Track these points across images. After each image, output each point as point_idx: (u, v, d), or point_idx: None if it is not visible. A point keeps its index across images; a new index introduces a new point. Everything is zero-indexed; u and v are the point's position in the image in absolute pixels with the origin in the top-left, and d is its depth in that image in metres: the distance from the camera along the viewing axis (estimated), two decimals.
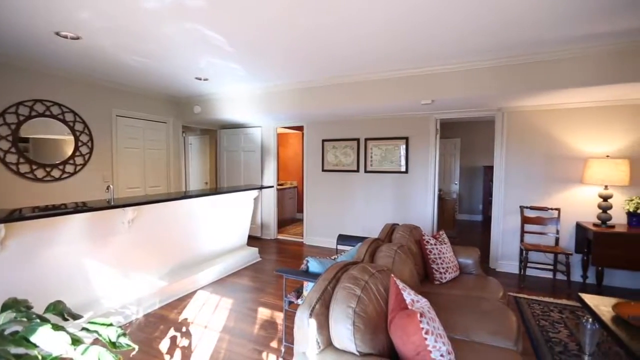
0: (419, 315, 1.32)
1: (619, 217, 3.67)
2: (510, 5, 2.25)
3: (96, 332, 1.20)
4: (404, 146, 4.88)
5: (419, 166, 4.83)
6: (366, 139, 5.16)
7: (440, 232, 2.97)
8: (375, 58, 3.35)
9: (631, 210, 3.49)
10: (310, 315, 1.44)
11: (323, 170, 5.54)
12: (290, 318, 2.58)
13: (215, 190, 4.20)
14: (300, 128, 6.30)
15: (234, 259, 4.34)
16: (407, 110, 4.54)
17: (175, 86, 4.57)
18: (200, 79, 4.16)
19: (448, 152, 7.80)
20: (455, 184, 7.78)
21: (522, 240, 4.02)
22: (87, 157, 4.15)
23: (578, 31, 2.66)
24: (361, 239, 2.67)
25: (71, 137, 3.97)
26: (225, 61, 3.47)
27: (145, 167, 4.95)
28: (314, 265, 2.15)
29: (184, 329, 2.80)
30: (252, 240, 5.81)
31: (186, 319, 2.98)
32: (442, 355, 1.32)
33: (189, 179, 6.82)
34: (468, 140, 7.81)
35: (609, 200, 3.58)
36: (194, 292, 3.56)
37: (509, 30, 2.64)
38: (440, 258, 2.69)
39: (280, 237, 6.20)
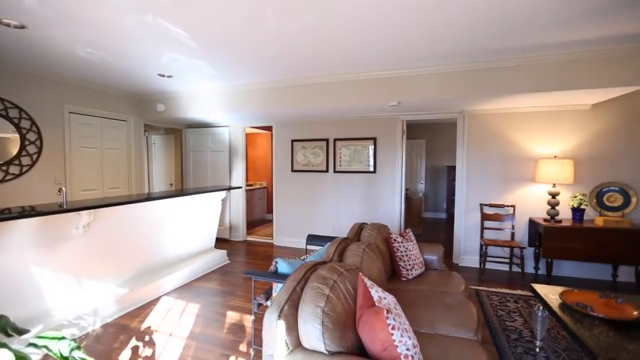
0: (385, 311, 1.35)
1: (565, 212, 4.00)
2: (470, 16, 2.37)
3: (45, 347, 1.11)
4: (372, 146, 4.98)
5: (387, 166, 4.95)
6: (335, 139, 5.21)
7: (407, 230, 3.07)
8: (344, 60, 3.39)
9: (575, 206, 3.81)
10: (279, 316, 1.42)
11: (293, 170, 5.52)
12: (259, 320, 2.54)
13: (180, 191, 4.04)
14: (269, 128, 6.23)
15: (201, 262, 4.20)
16: (375, 111, 4.64)
17: (137, 82, 4.34)
18: (163, 76, 3.98)
19: (415, 153, 8.08)
20: (422, 183, 8.07)
21: (482, 236, 4.25)
22: (35, 157, 3.82)
23: (527, 42, 2.86)
24: (330, 238, 2.69)
25: (16, 135, 3.64)
26: (190, 58, 3.35)
27: (104, 167, 4.65)
28: (283, 266, 2.14)
29: (146, 338, 2.66)
30: (221, 242, 5.66)
31: (149, 327, 2.84)
32: (407, 349, 1.36)
33: (152, 180, 6.51)
34: (433, 141, 8.13)
35: (556, 197, 3.88)
36: (158, 299, 3.40)
37: (470, 38, 2.78)
38: (406, 255, 2.78)
39: (249, 238, 6.10)
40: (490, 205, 4.27)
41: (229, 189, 4.61)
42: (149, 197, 3.33)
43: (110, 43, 2.96)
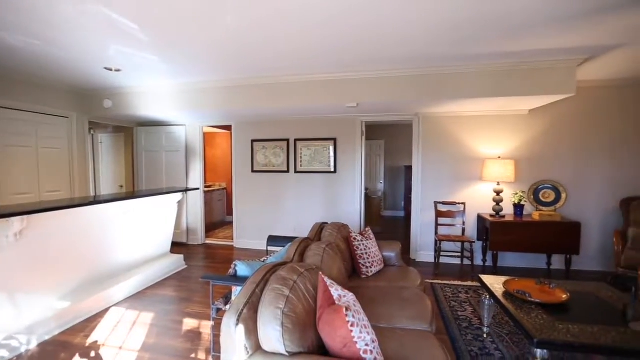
0: (344, 309, 1.37)
1: (508, 208, 4.36)
2: (428, 23, 2.50)
3: None
4: (333, 147, 5.05)
5: (347, 166, 5.05)
6: (296, 140, 5.20)
7: (367, 229, 3.15)
8: (301, 60, 3.39)
9: (516, 202, 4.18)
10: (238, 320, 1.39)
11: (253, 171, 5.42)
12: (218, 326, 2.45)
13: (131, 194, 3.78)
14: (228, 127, 6.06)
15: (156, 268, 3.97)
16: (335, 112, 4.71)
17: (79, 76, 3.99)
18: (110, 70, 3.70)
19: (374, 153, 8.33)
20: (381, 182, 8.34)
21: (436, 232, 4.50)
22: None
23: (477, 50, 3.08)
24: (292, 239, 2.68)
25: None
26: (140, 52, 3.15)
27: (40, 168, 4.21)
28: (242, 268, 2.09)
29: (92, 354, 2.46)
30: (177, 246, 5.40)
31: (96, 341, 2.63)
32: (366, 345, 1.40)
33: (99, 182, 6.03)
34: (391, 142, 8.44)
35: (500, 194, 4.22)
36: (106, 310, 3.15)
37: (423, 45, 2.92)
38: (366, 253, 2.85)
39: (208, 241, 5.88)
40: (444, 203, 4.53)
41: (186, 190, 4.41)
42: (95, 201, 3.07)
43: (45, 31, 2.68)
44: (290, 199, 5.29)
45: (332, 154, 5.06)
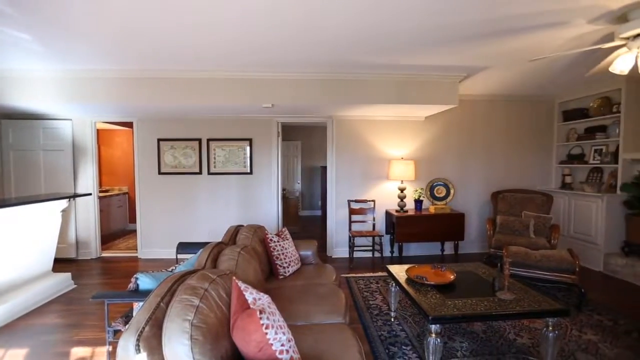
0: (258, 312, 1.35)
1: (411, 204, 4.90)
2: (330, 31, 2.62)
3: None
4: (248, 147, 4.93)
5: (263, 167, 4.99)
6: (209, 140, 4.92)
7: (283, 229, 3.16)
8: (214, 55, 3.22)
9: (416, 198, 4.73)
10: (138, 340, 1.24)
11: (160, 173, 4.93)
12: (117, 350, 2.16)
13: None
14: (129, 124, 5.38)
15: (32, 292, 3.28)
16: (250, 112, 4.62)
17: None
18: None
19: (291, 154, 8.42)
20: (298, 183, 8.49)
21: (350, 229, 4.78)
22: None
23: (375, 61, 3.37)
24: (205, 244, 2.52)
25: None
26: (5, 27, 2.56)
27: None
28: (145, 281, 1.88)
29: None
30: (64, 263, 4.56)
31: None
32: (282, 345, 1.40)
33: None
34: (308, 143, 8.65)
35: (404, 191, 4.72)
36: None
37: (331, 50, 3.07)
38: (283, 254, 2.86)
39: (105, 254, 5.13)
40: (356, 201, 4.84)
41: (74, 196, 3.76)
42: None
43: None
44: (203, 202, 4.98)
45: (247, 154, 4.94)
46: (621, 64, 2.44)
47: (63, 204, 3.67)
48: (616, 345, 2.52)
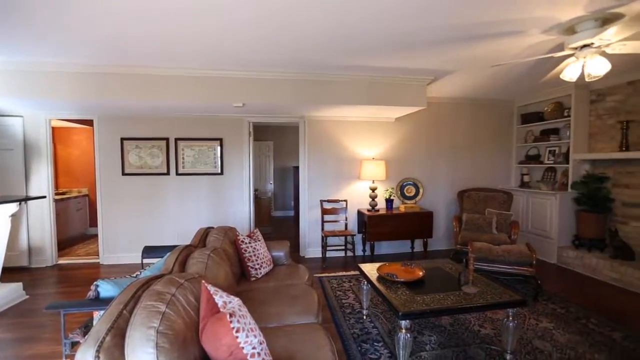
0: (228, 315, 1.32)
1: (382, 203, 5.00)
2: (303, 32, 2.62)
3: None
4: (219, 147, 4.81)
5: (235, 167, 4.89)
6: (177, 139, 4.74)
7: (255, 230, 3.11)
8: (182, 51, 3.10)
9: (387, 197, 4.84)
10: (98, 351, 1.17)
11: (124, 173, 4.68)
12: None
13: None
14: (89, 122, 5.06)
15: None
16: (220, 111, 4.51)
17: None
18: None
19: (263, 154, 8.32)
20: (270, 183, 8.40)
21: (322, 229, 4.80)
22: None
23: (346, 62, 3.41)
24: (172, 247, 2.42)
25: None
26: None
27: None
28: (106, 288, 1.78)
29: None
30: (14, 272, 4.21)
31: None
32: (254, 348, 1.38)
33: None
34: (280, 143, 8.58)
35: (375, 191, 4.81)
36: None
37: (302, 51, 3.06)
38: (254, 255, 2.82)
39: (62, 261, 4.79)
40: (328, 201, 4.87)
41: (26, 199, 3.48)
42: None
43: None
44: (172, 203, 4.79)
45: (218, 154, 4.81)
46: (570, 71, 2.65)
47: (12, 207, 3.38)
48: (567, 331, 2.72)
